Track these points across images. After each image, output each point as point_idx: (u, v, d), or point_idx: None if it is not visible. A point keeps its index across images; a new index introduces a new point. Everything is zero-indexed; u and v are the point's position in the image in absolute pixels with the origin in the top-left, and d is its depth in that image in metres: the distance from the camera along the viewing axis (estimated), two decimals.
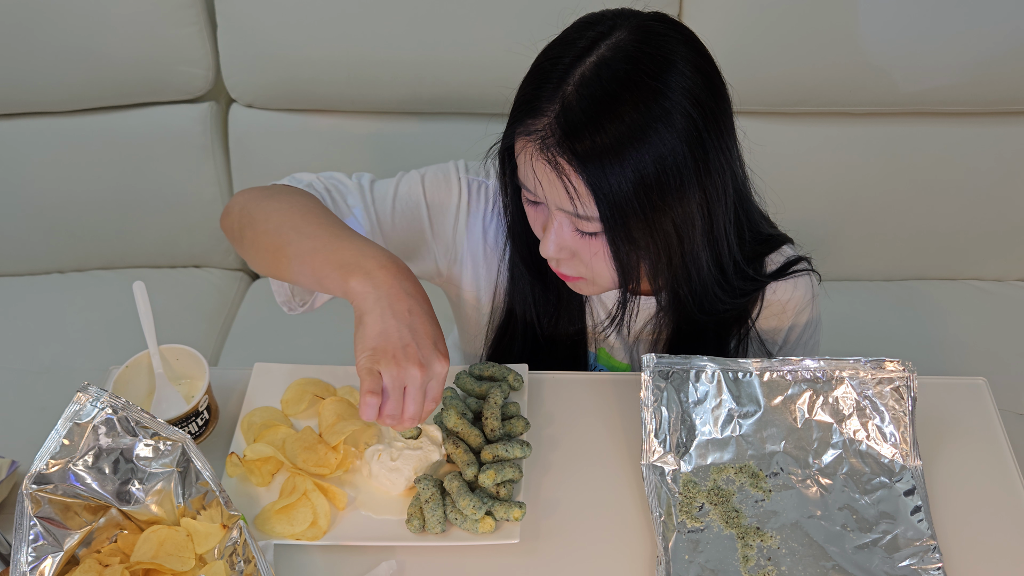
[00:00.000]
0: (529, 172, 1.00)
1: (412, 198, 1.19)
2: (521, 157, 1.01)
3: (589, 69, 0.95)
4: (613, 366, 1.27)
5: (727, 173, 1.03)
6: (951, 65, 1.62)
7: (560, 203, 0.99)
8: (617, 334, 1.23)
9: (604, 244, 1.01)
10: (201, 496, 0.94)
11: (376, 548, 0.99)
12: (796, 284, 1.18)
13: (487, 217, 1.20)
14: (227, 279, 1.95)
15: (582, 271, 1.07)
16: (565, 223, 1.02)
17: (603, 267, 1.04)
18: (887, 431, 1.04)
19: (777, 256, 1.18)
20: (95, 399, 0.92)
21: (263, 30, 1.67)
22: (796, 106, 1.70)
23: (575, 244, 1.03)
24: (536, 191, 1.01)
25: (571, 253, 1.05)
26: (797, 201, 1.77)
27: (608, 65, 0.95)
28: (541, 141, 0.97)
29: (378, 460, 1.03)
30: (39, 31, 1.67)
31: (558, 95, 0.96)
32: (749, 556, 0.97)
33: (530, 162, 0.99)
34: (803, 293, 1.19)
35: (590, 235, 1.02)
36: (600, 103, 0.94)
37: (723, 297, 1.11)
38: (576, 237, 1.03)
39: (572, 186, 0.96)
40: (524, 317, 1.21)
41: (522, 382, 1.13)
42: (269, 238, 1.03)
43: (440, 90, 1.69)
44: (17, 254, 1.93)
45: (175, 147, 1.82)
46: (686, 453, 1.05)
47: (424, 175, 1.20)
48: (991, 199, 1.78)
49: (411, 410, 0.92)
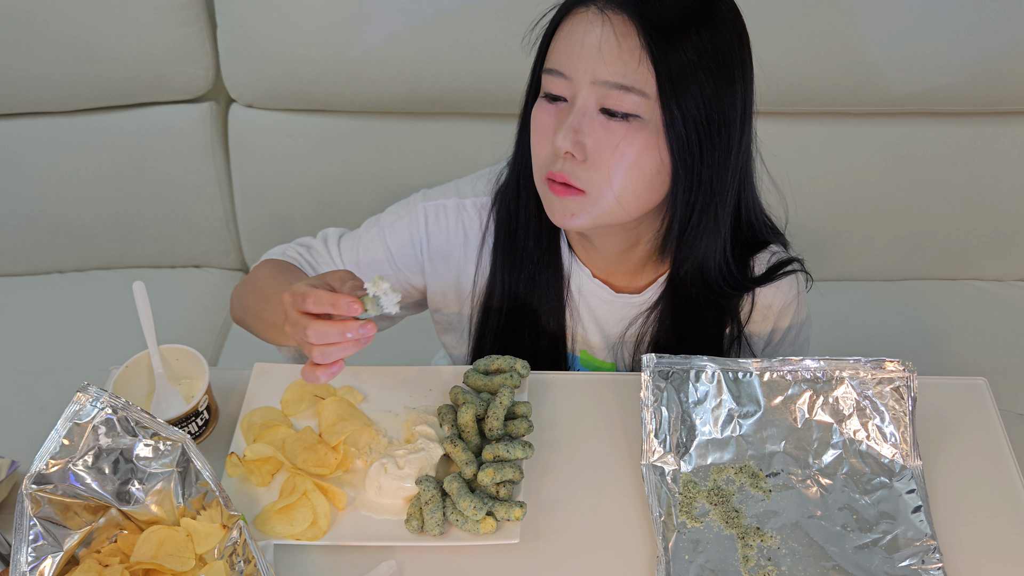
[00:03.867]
0: (577, 41, 0.99)
1: (374, 255, 1.22)
2: (569, 29, 1.00)
3: None
4: (597, 366, 1.27)
5: (751, 119, 1.06)
6: (951, 65, 1.62)
7: (606, 68, 0.97)
8: (602, 336, 1.23)
9: (632, 137, 0.99)
10: (201, 496, 0.94)
11: (376, 548, 0.99)
12: (779, 286, 1.17)
13: (452, 233, 1.21)
14: (227, 279, 1.95)
15: (587, 181, 1.02)
16: (592, 110, 0.99)
17: (619, 168, 1.00)
18: (887, 431, 1.05)
19: (764, 254, 1.17)
20: (95, 399, 0.92)
21: (263, 30, 1.67)
22: (796, 106, 1.70)
23: (594, 139, 0.99)
24: (578, 61, 0.98)
25: (584, 154, 1.00)
26: (797, 201, 1.75)
27: None
28: (606, 3, 0.98)
29: (386, 473, 1.02)
30: (39, 31, 1.67)
31: None
32: (749, 556, 0.97)
33: (585, 21, 0.99)
34: (786, 293, 1.18)
35: (621, 119, 0.99)
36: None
37: (721, 266, 1.11)
38: (601, 129, 0.99)
39: (633, 39, 0.96)
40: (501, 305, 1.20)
41: (530, 370, 1.12)
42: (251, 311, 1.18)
43: (440, 90, 1.69)
44: (17, 254, 1.93)
45: (175, 147, 1.82)
46: (686, 453, 1.05)
47: (382, 221, 1.23)
48: (991, 199, 1.78)
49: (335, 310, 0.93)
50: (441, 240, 1.21)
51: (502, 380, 1.10)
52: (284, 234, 1.86)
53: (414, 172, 1.79)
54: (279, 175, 1.83)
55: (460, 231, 1.20)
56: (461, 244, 1.21)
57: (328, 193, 1.83)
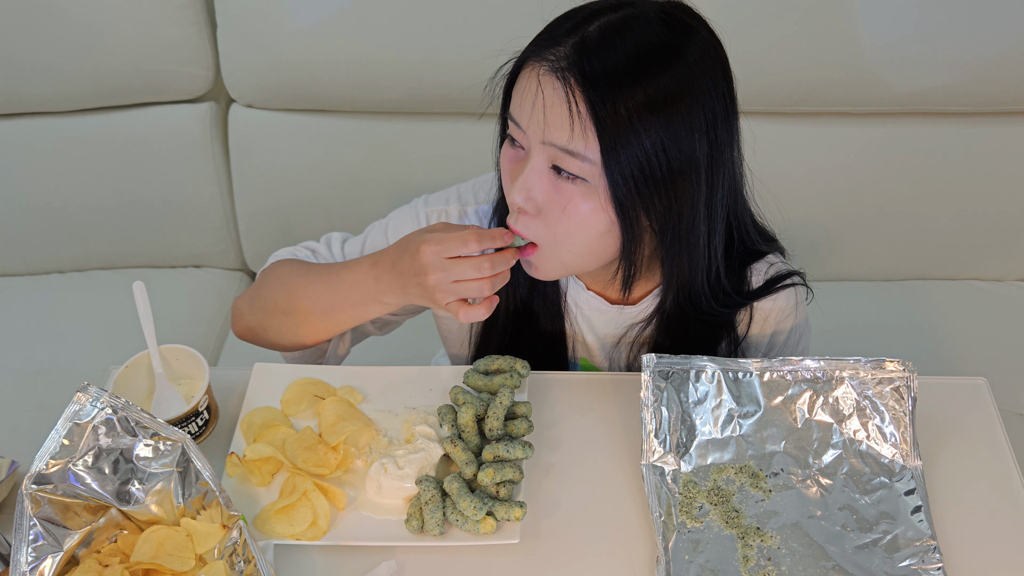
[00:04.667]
0: (528, 98, 0.97)
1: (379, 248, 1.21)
2: (524, 82, 0.98)
3: (615, 19, 0.96)
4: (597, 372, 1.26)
5: (731, 159, 1.03)
6: (950, 65, 1.62)
7: (553, 132, 0.96)
8: (600, 344, 1.22)
9: (581, 198, 0.97)
10: (201, 496, 0.94)
11: (376, 548, 0.99)
12: (776, 298, 1.16)
13: None
14: (227, 279, 1.95)
15: (541, 235, 1.01)
16: (543, 166, 0.98)
17: (569, 228, 0.99)
18: (887, 431, 1.05)
19: (762, 264, 1.15)
20: (95, 399, 0.92)
21: (263, 30, 1.67)
22: (796, 106, 1.70)
23: (545, 196, 0.99)
24: (528, 121, 0.97)
25: (536, 208, 1.00)
26: (797, 201, 1.77)
27: (635, 19, 0.96)
28: (553, 63, 0.95)
29: (386, 473, 1.02)
30: (39, 31, 1.67)
31: (579, 31, 0.96)
32: (749, 556, 0.97)
33: (534, 84, 0.97)
34: (783, 304, 1.17)
35: (569, 180, 0.98)
36: (620, 39, 0.95)
37: (708, 295, 1.10)
38: (551, 187, 0.98)
39: (576, 108, 0.94)
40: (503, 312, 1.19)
41: (530, 369, 1.12)
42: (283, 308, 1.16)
43: (440, 90, 1.69)
44: (17, 254, 1.93)
45: (175, 147, 1.82)
46: (686, 453, 1.05)
47: (387, 227, 1.23)
48: (991, 199, 1.78)
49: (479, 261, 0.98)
50: None
51: (502, 380, 1.10)
52: (284, 234, 1.87)
53: (414, 172, 1.79)
54: (279, 175, 1.83)
55: None
56: None
57: (328, 193, 1.83)
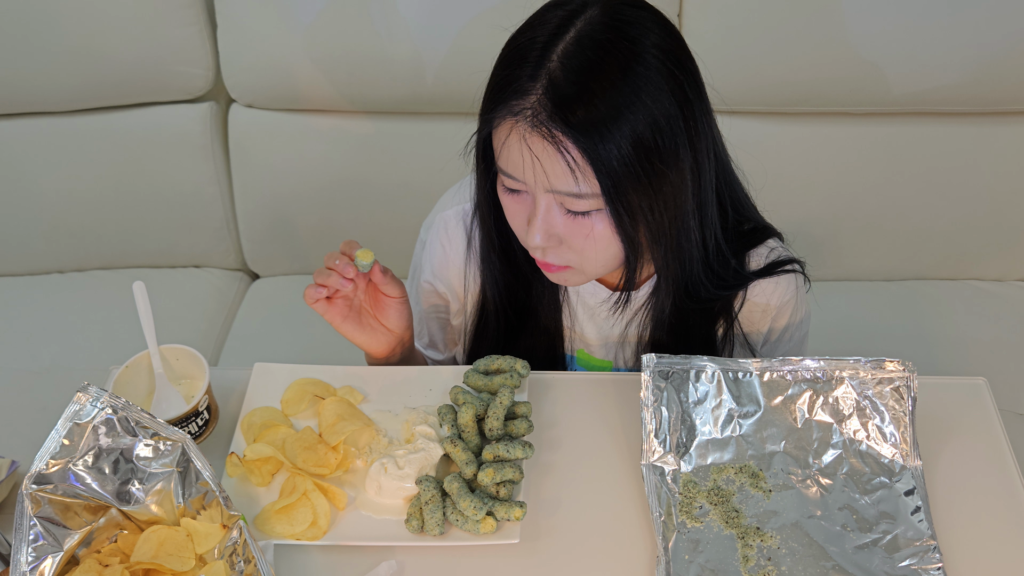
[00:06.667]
0: (517, 155, 0.97)
1: (430, 301, 1.29)
2: (506, 141, 0.98)
3: (570, 43, 0.95)
4: (594, 365, 1.26)
5: (710, 135, 1.04)
6: (950, 65, 1.62)
7: (554, 182, 0.97)
8: (597, 331, 1.22)
9: (598, 222, 1.00)
10: (201, 496, 0.94)
11: (376, 548, 0.99)
12: (777, 282, 1.16)
13: (447, 244, 1.23)
14: (227, 279, 1.95)
15: (570, 259, 1.04)
16: (553, 206, 1.00)
17: (595, 249, 1.02)
18: (887, 431, 1.05)
19: (762, 249, 1.16)
20: (95, 399, 0.92)
21: (263, 30, 1.67)
22: (796, 106, 1.70)
23: (564, 229, 1.01)
24: (524, 175, 0.98)
25: (559, 241, 1.02)
26: (797, 201, 1.77)
27: (588, 36, 0.95)
28: (532, 118, 0.95)
29: (386, 473, 1.02)
30: (39, 31, 1.67)
31: (542, 72, 0.95)
32: (749, 556, 0.97)
33: (520, 142, 0.96)
34: (784, 291, 1.17)
35: (582, 215, 0.99)
36: (588, 72, 0.94)
37: (706, 282, 1.10)
38: (567, 220, 1.00)
39: (571, 158, 0.94)
40: (497, 309, 1.20)
41: (530, 370, 1.13)
42: None
43: (440, 90, 1.69)
44: (17, 254, 1.93)
45: (175, 147, 1.82)
46: (686, 453, 1.05)
47: (417, 279, 1.29)
48: (991, 199, 1.78)
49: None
50: (438, 256, 1.24)
51: (502, 380, 1.10)
52: (284, 234, 1.87)
53: (414, 172, 1.79)
54: (279, 175, 1.83)
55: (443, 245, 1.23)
56: (450, 255, 1.23)
57: (328, 193, 1.83)
